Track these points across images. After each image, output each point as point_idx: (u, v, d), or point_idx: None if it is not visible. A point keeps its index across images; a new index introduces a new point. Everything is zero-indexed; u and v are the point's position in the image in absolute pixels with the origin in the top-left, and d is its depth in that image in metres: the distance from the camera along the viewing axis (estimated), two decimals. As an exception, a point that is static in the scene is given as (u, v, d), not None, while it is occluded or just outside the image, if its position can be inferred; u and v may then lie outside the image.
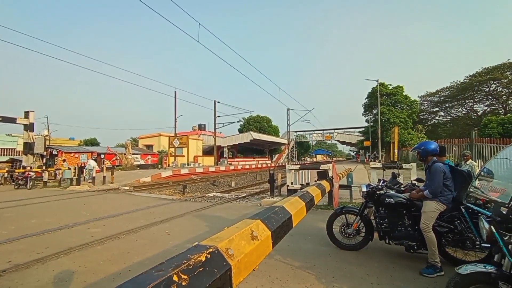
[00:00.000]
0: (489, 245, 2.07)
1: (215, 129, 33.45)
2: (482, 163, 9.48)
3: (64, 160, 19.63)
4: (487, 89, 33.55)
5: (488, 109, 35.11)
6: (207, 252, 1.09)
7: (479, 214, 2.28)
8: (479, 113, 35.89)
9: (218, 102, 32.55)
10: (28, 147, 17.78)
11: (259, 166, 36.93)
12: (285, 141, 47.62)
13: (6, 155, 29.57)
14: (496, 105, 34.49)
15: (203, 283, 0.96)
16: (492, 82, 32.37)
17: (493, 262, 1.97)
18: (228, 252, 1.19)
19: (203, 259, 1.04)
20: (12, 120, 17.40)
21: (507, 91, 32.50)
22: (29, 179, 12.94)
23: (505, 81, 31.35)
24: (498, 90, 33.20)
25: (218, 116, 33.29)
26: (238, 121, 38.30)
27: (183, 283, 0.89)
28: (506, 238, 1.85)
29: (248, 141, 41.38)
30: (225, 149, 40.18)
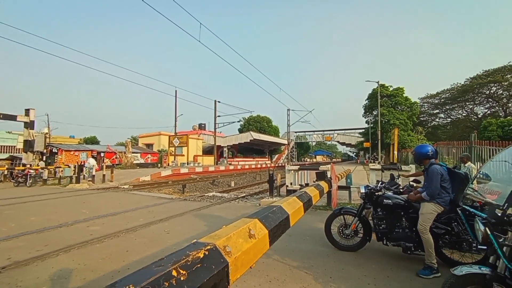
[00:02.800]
0: (485, 247, 2.09)
1: (215, 128, 33.48)
2: (481, 166, 9.48)
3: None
4: (488, 92, 33.64)
5: (488, 112, 35.20)
6: (205, 249, 1.12)
7: (475, 216, 2.30)
8: (479, 116, 35.95)
9: (219, 101, 32.67)
10: (28, 145, 17.79)
11: (259, 166, 36.96)
12: (285, 142, 47.67)
13: (6, 152, 29.59)
14: (497, 107, 34.58)
15: (201, 278, 0.99)
16: (493, 84, 32.46)
17: (488, 264, 1.98)
18: (225, 249, 1.21)
19: (201, 255, 1.07)
20: (13, 118, 17.40)
21: (507, 93, 32.58)
22: (28, 176, 12.97)
23: (505, 83, 31.41)
24: (499, 93, 33.29)
25: (219, 116, 33.38)
26: (238, 121, 38.40)
27: (182, 278, 0.92)
28: (501, 240, 1.86)
29: (248, 141, 41.44)
30: (225, 149, 40.20)
